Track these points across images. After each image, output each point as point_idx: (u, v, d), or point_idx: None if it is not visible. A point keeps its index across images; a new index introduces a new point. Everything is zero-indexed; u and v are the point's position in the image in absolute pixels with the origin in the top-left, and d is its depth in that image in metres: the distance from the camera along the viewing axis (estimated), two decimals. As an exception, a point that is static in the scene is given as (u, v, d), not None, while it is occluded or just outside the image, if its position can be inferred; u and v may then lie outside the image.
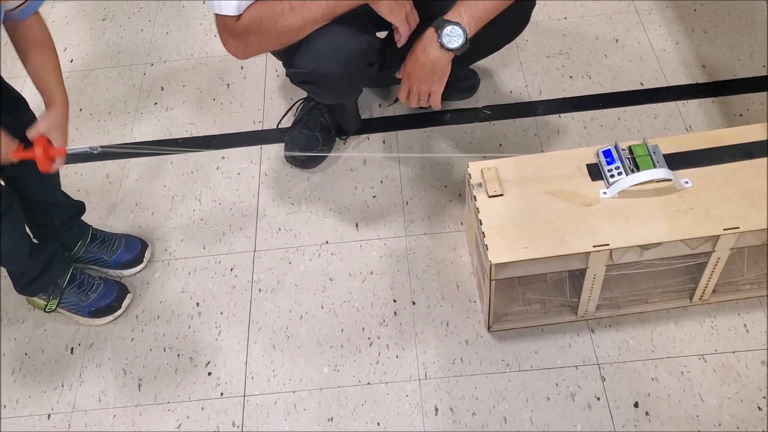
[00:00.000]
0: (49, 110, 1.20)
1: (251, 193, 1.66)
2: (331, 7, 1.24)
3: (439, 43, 1.25)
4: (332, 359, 1.39)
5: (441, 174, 1.65)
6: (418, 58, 1.29)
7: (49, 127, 1.17)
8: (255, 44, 1.30)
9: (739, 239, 1.23)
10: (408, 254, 1.52)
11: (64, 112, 1.21)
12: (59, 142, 1.19)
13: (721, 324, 1.36)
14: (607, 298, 1.37)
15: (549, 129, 1.70)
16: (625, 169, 1.26)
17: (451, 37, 1.25)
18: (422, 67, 1.29)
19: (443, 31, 1.24)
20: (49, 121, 1.18)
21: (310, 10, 1.23)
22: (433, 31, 1.26)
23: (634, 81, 1.78)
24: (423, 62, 1.28)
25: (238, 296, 1.49)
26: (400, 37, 1.32)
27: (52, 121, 1.18)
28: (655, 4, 1.94)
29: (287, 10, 1.23)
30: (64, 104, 1.21)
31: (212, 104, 1.85)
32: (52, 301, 1.45)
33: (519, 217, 1.25)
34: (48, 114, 1.19)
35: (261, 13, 1.24)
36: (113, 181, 1.71)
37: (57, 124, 1.18)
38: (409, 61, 1.31)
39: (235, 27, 1.27)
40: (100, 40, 2.04)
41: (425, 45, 1.27)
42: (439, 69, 1.29)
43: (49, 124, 1.18)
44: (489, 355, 1.36)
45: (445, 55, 1.27)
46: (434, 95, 1.34)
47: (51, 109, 1.20)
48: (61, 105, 1.20)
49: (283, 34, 1.27)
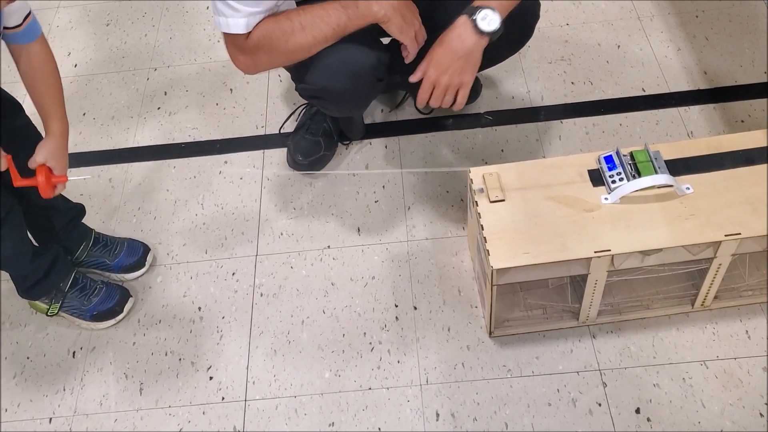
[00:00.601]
0: (48, 140, 1.23)
1: (253, 197, 1.67)
2: (341, 26, 1.23)
3: (474, 27, 1.22)
4: (333, 364, 1.39)
5: (443, 179, 1.65)
6: (453, 48, 1.23)
7: (47, 157, 1.21)
8: (264, 61, 1.30)
9: (741, 245, 1.23)
10: (410, 259, 1.52)
11: (62, 142, 1.23)
12: (59, 170, 1.22)
13: (722, 330, 1.36)
14: (609, 303, 1.37)
15: (551, 135, 1.70)
16: (627, 175, 1.26)
17: (486, 20, 1.21)
18: (456, 58, 1.24)
19: (478, 15, 1.21)
20: (47, 151, 1.21)
21: (320, 29, 1.23)
22: (466, 17, 1.22)
23: (635, 87, 1.78)
24: (457, 51, 1.23)
25: (240, 301, 1.50)
26: (408, 54, 1.31)
27: (50, 151, 1.21)
28: (656, 10, 1.95)
29: (297, 29, 1.23)
30: (62, 134, 1.24)
31: (215, 109, 1.86)
32: (54, 305, 1.46)
33: (520, 222, 1.26)
34: (46, 144, 1.22)
35: (270, 31, 1.24)
36: (116, 185, 1.72)
37: (54, 153, 1.22)
38: (437, 54, 1.25)
39: (244, 44, 1.27)
40: (104, 44, 2.05)
41: (459, 33, 1.23)
42: (473, 58, 1.25)
43: (48, 154, 1.21)
44: (490, 361, 1.36)
45: (480, 40, 1.22)
46: (464, 89, 1.28)
47: (49, 139, 1.23)
48: (59, 135, 1.23)
49: (293, 53, 1.27)
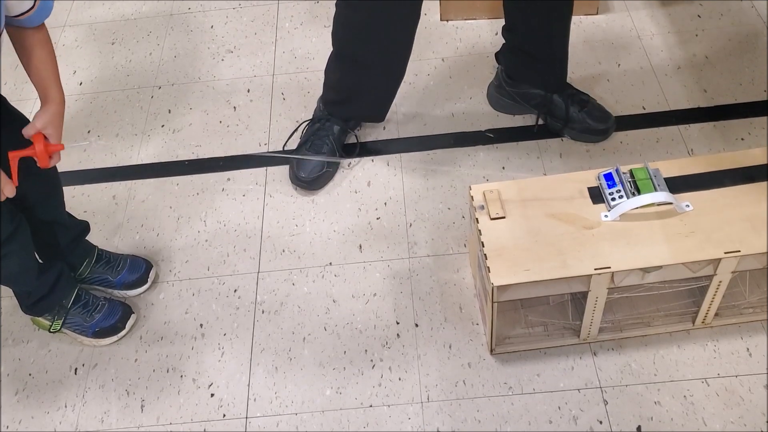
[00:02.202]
0: (45, 107, 1.20)
1: (256, 214, 1.68)
2: None
3: None
4: (335, 381, 1.39)
5: (444, 196, 1.66)
6: None
7: (45, 124, 1.18)
8: None
9: (741, 263, 1.23)
10: (411, 276, 1.53)
11: (60, 108, 1.21)
12: (55, 138, 1.20)
13: (723, 348, 1.36)
14: (610, 321, 1.38)
15: (551, 152, 1.71)
16: (626, 193, 1.27)
17: None
18: None
19: None
20: (45, 118, 1.18)
21: None
22: None
23: (636, 105, 1.79)
24: None
25: (242, 317, 1.50)
26: None
27: (48, 118, 1.19)
28: (657, 29, 1.97)
29: None
30: (60, 101, 1.21)
31: (219, 126, 1.87)
32: (56, 322, 1.46)
33: (521, 239, 1.26)
34: (44, 111, 1.20)
35: None
36: (119, 202, 1.73)
37: (53, 121, 1.19)
38: None
39: None
40: (109, 63, 2.07)
41: None
42: None
43: (45, 121, 1.18)
44: (491, 378, 1.36)
45: None
46: None
47: (47, 106, 1.20)
48: (57, 102, 1.21)
49: None
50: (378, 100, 1.70)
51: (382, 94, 1.69)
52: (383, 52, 1.55)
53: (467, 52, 1.97)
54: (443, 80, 1.90)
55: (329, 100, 1.71)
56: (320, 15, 2.12)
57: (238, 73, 2.00)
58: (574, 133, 1.71)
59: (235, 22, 2.14)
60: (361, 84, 1.63)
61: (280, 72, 1.98)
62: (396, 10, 1.46)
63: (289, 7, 2.16)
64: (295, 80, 1.96)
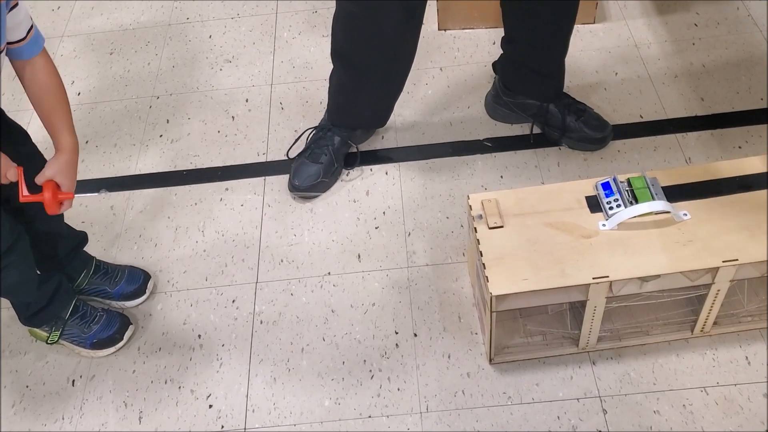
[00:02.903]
0: (57, 155, 1.22)
1: (254, 224, 1.67)
2: None
3: None
4: (333, 392, 1.39)
5: (443, 205, 1.66)
6: None
7: (56, 173, 1.20)
8: None
9: (739, 271, 1.23)
10: (410, 285, 1.53)
11: (72, 157, 1.22)
12: (67, 187, 1.21)
13: (722, 356, 1.36)
14: (608, 330, 1.37)
15: (549, 161, 1.71)
16: (624, 202, 1.27)
17: None
18: None
19: None
20: (56, 167, 1.20)
21: None
22: None
23: (633, 114, 1.80)
24: None
25: (240, 328, 1.50)
26: None
27: (59, 167, 1.20)
28: (654, 38, 1.97)
29: None
30: (72, 150, 1.22)
31: (217, 136, 1.87)
32: (54, 333, 1.46)
33: (519, 248, 1.26)
34: (56, 159, 1.21)
35: None
36: (117, 213, 1.73)
37: (64, 170, 1.21)
38: None
39: None
40: (108, 73, 2.07)
41: None
42: None
43: (57, 170, 1.20)
44: (490, 388, 1.36)
45: None
46: None
47: (59, 155, 1.22)
48: (69, 150, 1.22)
49: None
50: (377, 106, 1.70)
51: (380, 99, 1.69)
52: (380, 55, 1.54)
53: (465, 61, 1.97)
54: (441, 89, 1.91)
55: (331, 107, 1.71)
56: (318, 24, 2.12)
57: (237, 82, 2.00)
58: (572, 142, 1.71)
59: (234, 32, 2.14)
60: (359, 88, 1.63)
61: (278, 81, 1.99)
62: (394, 12, 1.45)
63: (287, 16, 2.17)
64: (293, 90, 1.96)
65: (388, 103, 1.71)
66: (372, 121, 1.76)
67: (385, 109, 1.73)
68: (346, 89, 1.65)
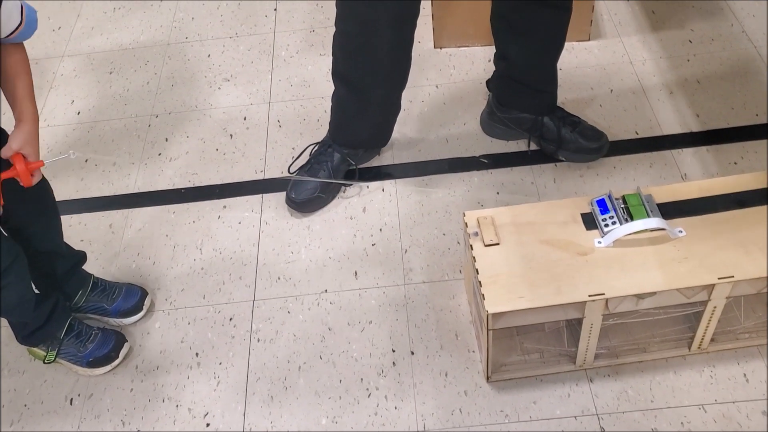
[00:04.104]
0: (20, 126, 1.20)
1: (251, 242, 1.68)
2: None
3: None
4: (330, 411, 1.38)
5: (439, 222, 1.66)
6: None
7: (21, 144, 1.18)
8: None
9: (735, 288, 1.23)
10: (407, 303, 1.53)
11: (34, 126, 1.20)
12: (34, 156, 1.20)
13: (720, 373, 1.36)
14: (605, 347, 1.37)
15: (545, 177, 1.72)
16: (619, 219, 1.28)
17: None
18: None
19: None
20: (21, 138, 1.18)
21: None
22: None
23: (629, 130, 1.80)
24: None
25: (237, 346, 1.50)
26: None
27: (24, 137, 1.18)
28: (648, 54, 1.98)
29: None
30: (34, 119, 1.21)
31: (215, 154, 1.88)
32: (51, 352, 1.46)
33: (515, 266, 1.26)
34: (19, 131, 1.19)
35: None
36: (116, 231, 1.74)
37: (29, 140, 1.19)
38: None
39: None
40: (107, 92, 2.09)
41: None
42: None
43: (22, 141, 1.18)
44: (488, 406, 1.36)
45: None
46: None
47: (21, 126, 1.20)
48: (30, 120, 1.20)
49: None
50: (376, 124, 1.71)
51: (379, 118, 1.70)
52: (376, 73, 1.56)
53: (461, 78, 1.98)
54: (437, 106, 1.92)
55: (332, 124, 1.73)
56: (316, 43, 2.14)
57: (235, 101, 2.01)
58: (568, 153, 1.72)
59: (232, 51, 2.16)
60: (356, 107, 1.65)
61: (276, 100, 2.00)
62: (387, 34, 1.48)
63: (285, 36, 2.19)
64: (291, 108, 1.97)
65: (388, 121, 1.73)
66: (371, 141, 1.77)
67: (385, 127, 1.74)
68: (347, 108, 1.67)
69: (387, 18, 1.44)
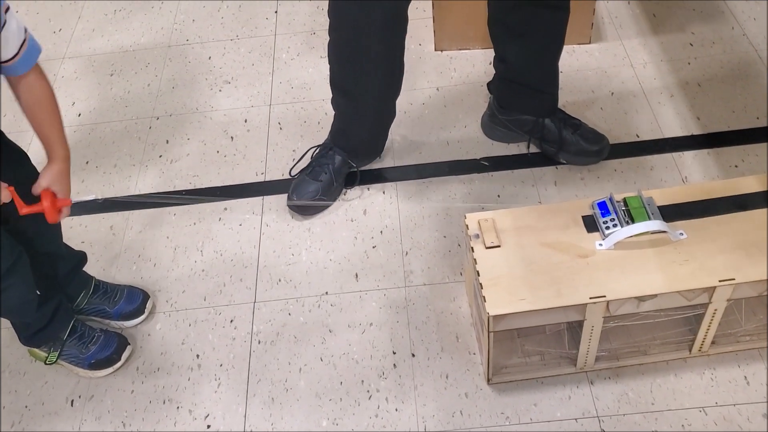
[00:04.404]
0: (50, 165, 1.23)
1: (252, 243, 1.68)
2: None
3: None
4: (331, 413, 1.38)
5: (440, 224, 1.66)
6: None
7: (51, 181, 1.21)
8: None
9: (735, 290, 1.23)
10: (407, 305, 1.53)
11: (65, 165, 1.24)
12: (63, 194, 1.23)
13: (721, 376, 1.36)
14: (606, 349, 1.37)
15: (546, 180, 1.72)
16: (620, 221, 1.28)
17: None
18: None
19: None
20: (51, 176, 1.22)
21: None
22: None
23: (629, 133, 1.81)
24: None
25: (238, 348, 1.50)
26: None
27: (53, 176, 1.22)
28: (649, 57, 1.99)
29: None
30: (65, 159, 1.24)
31: (216, 156, 1.88)
32: (52, 353, 1.46)
33: (516, 268, 1.26)
34: (49, 168, 1.23)
35: None
36: (117, 233, 1.74)
37: (58, 178, 1.22)
38: None
39: None
40: (108, 94, 2.09)
41: None
42: None
43: (51, 178, 1.22)
44: (489, 408, 1.36)
45: None
46: None
47: (52, 164, 1.23)
48: (61, 159, 1.24)
49: None
50: (373, 131, 1.72)
51: (375, 124, 1.70)
52: (370, 83, 1.56)
53: (462, 81, 1.99)
54: (438, 109, 1.92)
55: (332, 128, 1.73)
56: (316, 46, 2.14)
57: (236, 103, 2.02)
58: (569, 155, 1.72)
59: (233, 54, 2.16)
60: (353, 114, 1.66)
61: (277, 102, 2.00)
62: (379, 38, 1.48)
63: (285, 38, 2.19)
64: (291, 110, 1.97)
65: (383, 128, 1.73)
66: (368, 147, 1.76)
67: (381, 134, 1.74)
68: (344, 115, 1.68)
69: (379, 20, 1.44)
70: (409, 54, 1.81)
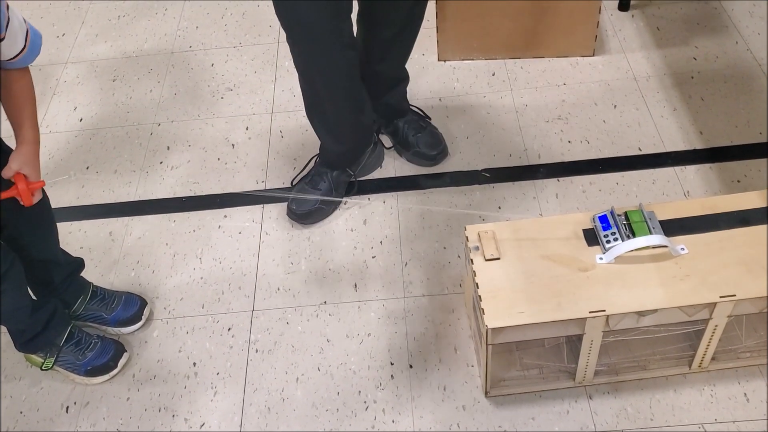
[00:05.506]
0: (20, 147, 1.22)
1: (251, 252, 1.67)
2: None
3: None
4: (328, 423, 1.37)
5: (440, 235, 1.66)
6: None
7: (22, 164, 1.21)
8: None
9: (736, 307, 1.22)
10: (406, 316, 1.52)
11: (34, 148, 1.24)
12: (34, 176, 1.22)
13: (720, 392, 1.35)
14: (605, 364, 1.36)
15: (548, 192, 1.72)
16: (621, 235, 1.27)
17: None
18: None
19: None
20: (20, 159, 1.21)
21: None
22: None
23: (632, 146, 1.80)
24: None
25: (235, 357, 1.49)
26: None
27: (24, 159, 1.21)
28: (652, 71, 1.99)
29: None
30: (34, 141, 1.24)
31: (217, 164, 1.88)
32: (49, 359, 1.45)
33: (516, 281, 1.26)
34: (19, 151, 1.22)
35: None
36: (116, 239, 1.73)
37: (28, 161, 1.22)
38: None
39: None
40: (110, 100, 2.09)
41: None
42: None
43: (21, 162, 1.21)
44: (486, 421, 1.35)
45: None
46: None
47: (21, 147, 1.23)
48: (31, 142, 1.23)
49: None
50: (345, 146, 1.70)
51: (346, 144, 1.69)
52: (328, 98, 1.55)
53: (464, 92, 1.98)
54: (440, 119, 1.92)
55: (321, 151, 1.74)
56: (320, 54, 2.14)
57: (237, 110, 2.01)
58: (409, 155, 1.80)
59: (236, 61, 2.17)
60: (327, 133, 1.66)
61: (278, 110, 2.00)
62: (329, 56, 1.47)
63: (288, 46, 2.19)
64: (293, 118, 1.97)
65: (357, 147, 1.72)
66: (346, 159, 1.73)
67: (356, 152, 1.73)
68: (317, 129, 1.67)
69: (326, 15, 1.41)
70: (413, 64, 1.82)
